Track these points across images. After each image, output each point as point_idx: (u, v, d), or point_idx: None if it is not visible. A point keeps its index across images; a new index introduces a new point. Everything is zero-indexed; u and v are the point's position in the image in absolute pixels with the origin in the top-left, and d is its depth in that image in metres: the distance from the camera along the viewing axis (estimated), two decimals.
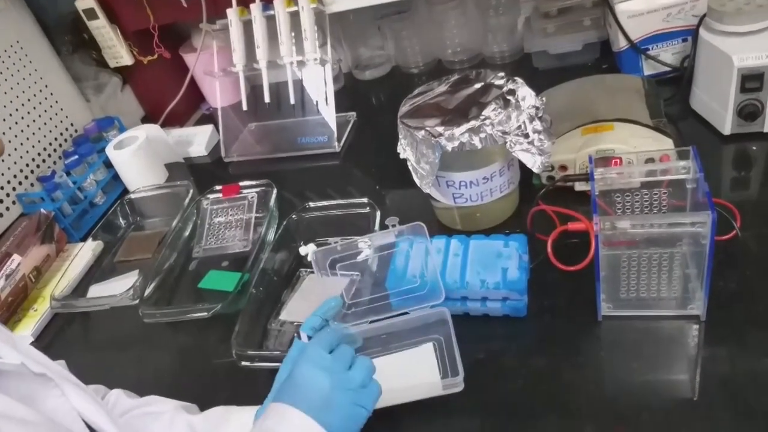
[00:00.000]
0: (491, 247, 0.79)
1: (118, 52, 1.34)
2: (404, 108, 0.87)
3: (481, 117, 0.79)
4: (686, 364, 0.67)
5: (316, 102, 1.20)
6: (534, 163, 0.79)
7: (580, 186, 0.90)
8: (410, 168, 0.87)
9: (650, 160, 0.85)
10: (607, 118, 0.91)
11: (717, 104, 0.94)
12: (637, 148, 0.86)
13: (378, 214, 0.94)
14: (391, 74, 1.46)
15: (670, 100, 1.03)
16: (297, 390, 0.57)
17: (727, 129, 0.93)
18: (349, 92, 1.44)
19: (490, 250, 0.78)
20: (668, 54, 1.09)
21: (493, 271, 0.75)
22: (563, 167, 0.90)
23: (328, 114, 1.21)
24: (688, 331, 0.70)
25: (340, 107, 1.23)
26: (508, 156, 0.85)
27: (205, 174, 1.30)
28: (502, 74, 0.86)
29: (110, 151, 1.24)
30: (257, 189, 1.09)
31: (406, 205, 1.03)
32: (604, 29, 1.19)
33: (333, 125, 1.21)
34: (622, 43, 1.09)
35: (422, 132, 0.80)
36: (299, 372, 0.59)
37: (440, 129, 0.79)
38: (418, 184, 0.85)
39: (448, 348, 0.70)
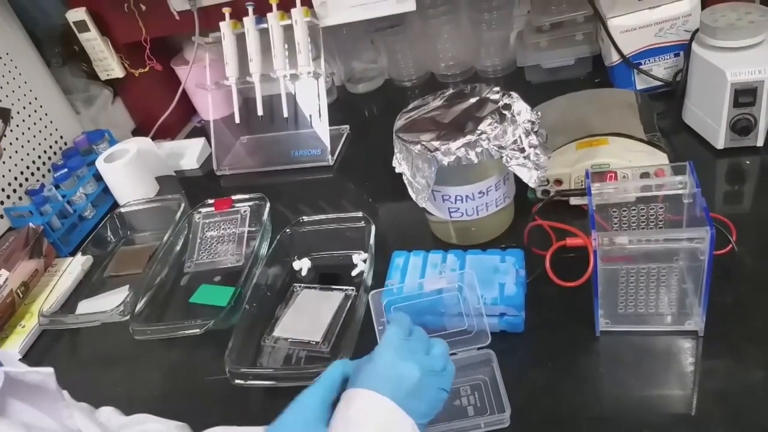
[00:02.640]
0: (488, 262, 0.78)
1: (109, 64, 1.33)
2: (399, 122, 0.87)
3: (477, 131, 0.79)
4: (685, 380, 0.67)
5: (310, 115, 1.20)
6: (530, 177, 0.79)
7: (575, 200, 0.90)
8: (406, 182, 0.86)
9: (645, 175, 0.86)
10: (602, 132, 0.92)
11: (710, 119, 0.95)
12: (632, 163, 0.86)
13: (373, 228, 0.93)
14: (384, 87, 1.46)
15: (663, 115, 1.04)
16: (382, 376, 0.55)
17: (720, 143, 0.94)
18: (342, 105, 1.44)
19: (486, 265, 0.78)
20: (660, 68, 1.09)
21: (490, 286, 0.75)
22: (558, 181, 0.90)
23: (322, 127, 1.20)
24: (686, 347, 0.70)
25: (333, 120, 1.23)
26: (504, 170, 0.85)
27: (196, 187, 1.29)
28: (497, 89, 0.86)
29: (100, 164, 1.22)
30: (250, 203, 1.08)
31: (400, 219, 1.03)
32: (596, 44, 1.20)
33: (326, 139, 1.20)
34: (614, 58, 1.10)
35: (418, 146, 0.80)
36: (383, 358, 0.56)
37: (436, 143, 0.79)
38: (414, 199, 0.85)
39: (493, 387, 0.70)
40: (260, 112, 1.20)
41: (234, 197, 1.10)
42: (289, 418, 0.55)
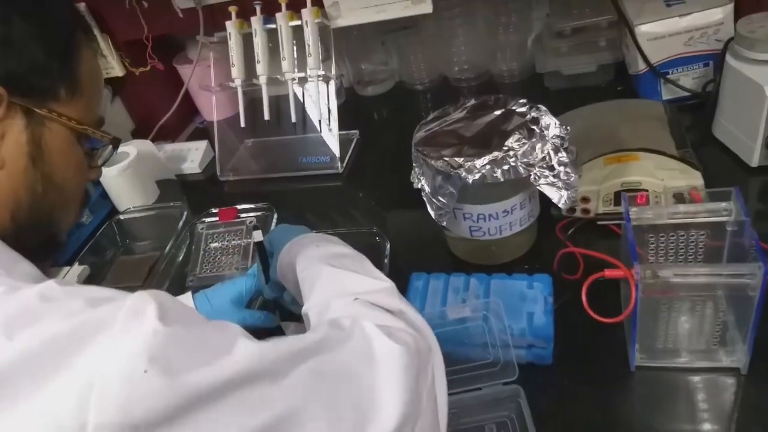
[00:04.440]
0: (514, 287, 0.73)
1: (109, 62, 1.27)
2: (419, 134, 0.82)
3: (504, 147, 0.74)
4: (724, 420, 0.62)
5: (319, 121, 1.14)
6: (560, 198, 0.74)
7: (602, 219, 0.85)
8: (425, 198, 0.81)
9: (679, 195, 0.81)
10: (632, 147, 0.87)
11: (744, 135, 0.90)
12: (665, 182, 0.81)
13: (388, 246, 0.88)
14: (394, 90, 1.41)
15: (691, 128, 0.99)
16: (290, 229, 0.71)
17: (755, 161, 0.89)
18: (350, 109, 1.38)
19: (513, 292, 0.73)
20: (688, 79, 1.04)
21: (518, 315, 0.70)
22: (585, 199, 0.85)
23: (331, 134, 1.15)
24: (727, 385, 0.65)
25: (341, 125, 1.17)
26: (530, 188, 0.80)
27: (199, 193, 1.23)
28: (523, 101, 0.81)
29: None
30: (256, 213, 1.03)
31: (414, 233, 0.97)
32: (619, 50, 1.14)
33: (336, 145, 1.15)
34: (640, 67, 1.05)
35: (440, 162, 0.75)
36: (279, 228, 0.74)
37: (459, 159, 0.74)
38: (434, 217, 0.80)
39: (520, 425, 0.65)
40: (267, 116, 1.15)
41: (239, 206, 1.04)
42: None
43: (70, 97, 0.53)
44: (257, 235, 0.75)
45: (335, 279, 0.56)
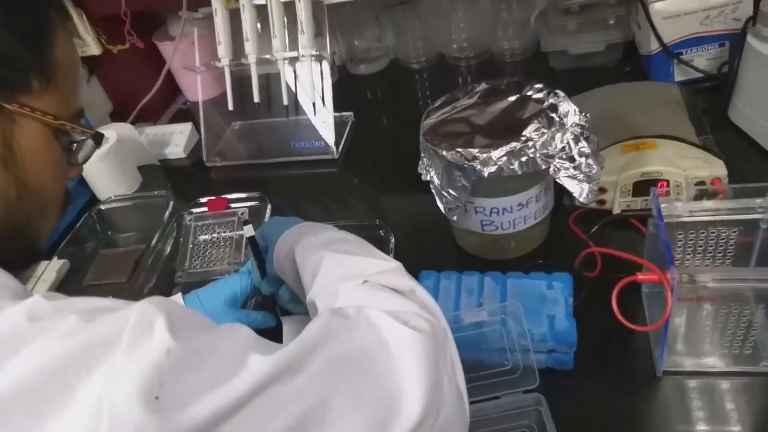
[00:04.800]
0: (532, 288, 0.69)
1: (84, 40, 1.18)
2: (427, 122, 0.76)
3: (522, 138, 0.68)
4: (761, 428, 0.59)
5: (313, 104, 1.07)
6: (581, 191, 0.69)
7: (619, 209, 0.81)
8: (433, 191, 0.75)
9: (701, 185, 0.77)
10: (650, 134, 0.82)
11: (765, 119, 0.85)
12: (687, 172, 0.77)
13: (392, 239, 0.83)
14: (389, 69, 1.34)
15: (706, 112, 0.94)
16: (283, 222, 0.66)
17: None
18: (343, 88, 1.30)
19: (531, 292, 0.68)
20: (703, 59, 0.99)
21: (538, 318, 0.65)
22: (602, 189, 0.80)
23: (326, 117, 1.08)
24: (759, 390, 0.62)
25: (335, 106, 1.10)
26: (547, 179, 0.75)
27: (184, 180, 1.16)
28: (539, 85, 0.75)
29: None
30: (248, 203, 0.97)
31: (418, 224, 0.91)
32: (629, 29, 1.09)
33: (331, 129, 1.08)
34: (653, 46, 0.99)
35: (452, 153, 0.69)
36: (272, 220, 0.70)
37: (474, 151, 0.68)
38: (443, 211, 0.74)
39: None
40: (257, 98, 1.08)
41: (229, 197, 0.98)
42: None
43: (43, 88, 0.46)
44: (248, 230, 0.69)
45: (339, 262, 0.53)
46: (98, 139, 0.53)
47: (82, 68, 1.24)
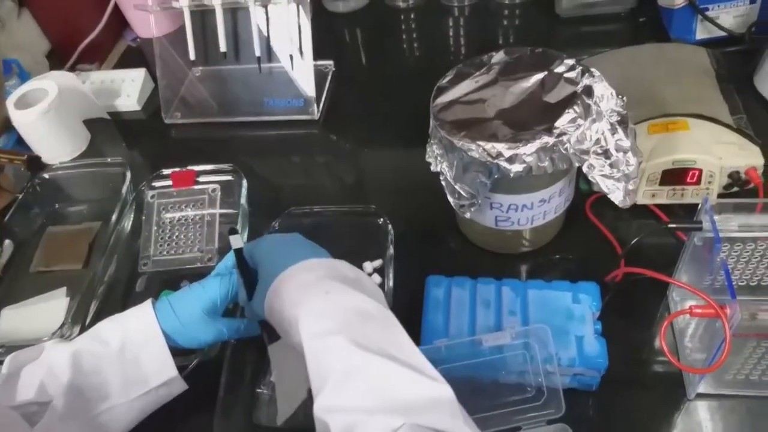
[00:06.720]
0: (557, 301, 0.61)
1: None
2: (439, 101, 0.64)
3: (555, 130, 0.58)
4: None
5: (290, 56, 0.93)
6: (617, 193, 0.60)
7: (643, 200, 0.73)
8: (443, 183, 0.65)
9: (735, 175, 0.69)
10: (681, 112, 0.73)
11: None
12: (723, 160, 0.69)
13: (390, 228, 0.73)
14: (371, 6, 1.19)
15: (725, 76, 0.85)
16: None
17: None
18: (319, 30, 1.14)
19: (556, 307, 0.60)
20: (729, 17, 0.90)
21: (565, 340, 0.58)
22: None
23: (305, 71, 0.94)
24: None
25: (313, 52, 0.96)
26: (572, 171, 0.66)
27: (140, 138, 1.02)
28: (570, 61, 0.64)
29: (11, 110, 0.93)
30: (219, 177, 0.85)
31: (415, 203, 0.81)
32: None
33: (310, 85, 0.95)
34: (678, 0, 0.88)
35: (473, 147, 0.59)
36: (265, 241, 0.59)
37: (500, 146, 0.58)
38: (454, 207, 0.65)
39: None
40: (223, 48, 0.93)
41: (196, 168, 0.85)
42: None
43: None
44: (235, 241, 0.58)
45: (370, 374, 0.42)
46: (31, 164, 0.41)
47: (10, 0, 1.06)
